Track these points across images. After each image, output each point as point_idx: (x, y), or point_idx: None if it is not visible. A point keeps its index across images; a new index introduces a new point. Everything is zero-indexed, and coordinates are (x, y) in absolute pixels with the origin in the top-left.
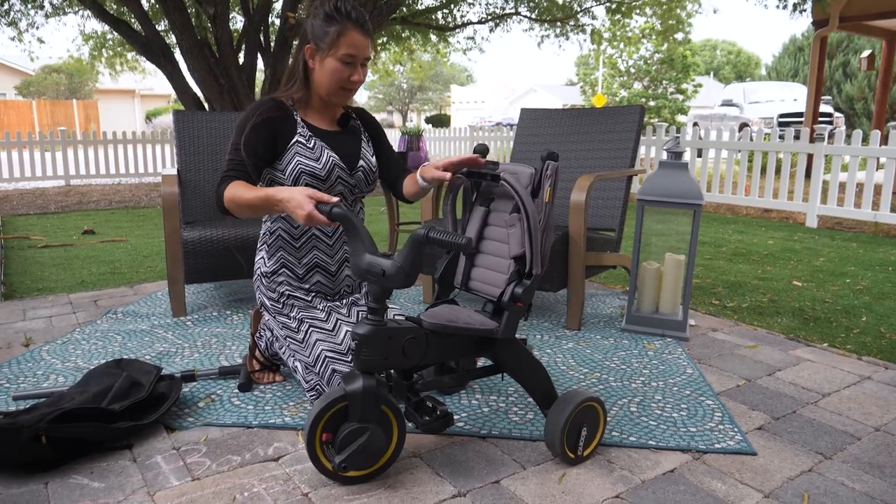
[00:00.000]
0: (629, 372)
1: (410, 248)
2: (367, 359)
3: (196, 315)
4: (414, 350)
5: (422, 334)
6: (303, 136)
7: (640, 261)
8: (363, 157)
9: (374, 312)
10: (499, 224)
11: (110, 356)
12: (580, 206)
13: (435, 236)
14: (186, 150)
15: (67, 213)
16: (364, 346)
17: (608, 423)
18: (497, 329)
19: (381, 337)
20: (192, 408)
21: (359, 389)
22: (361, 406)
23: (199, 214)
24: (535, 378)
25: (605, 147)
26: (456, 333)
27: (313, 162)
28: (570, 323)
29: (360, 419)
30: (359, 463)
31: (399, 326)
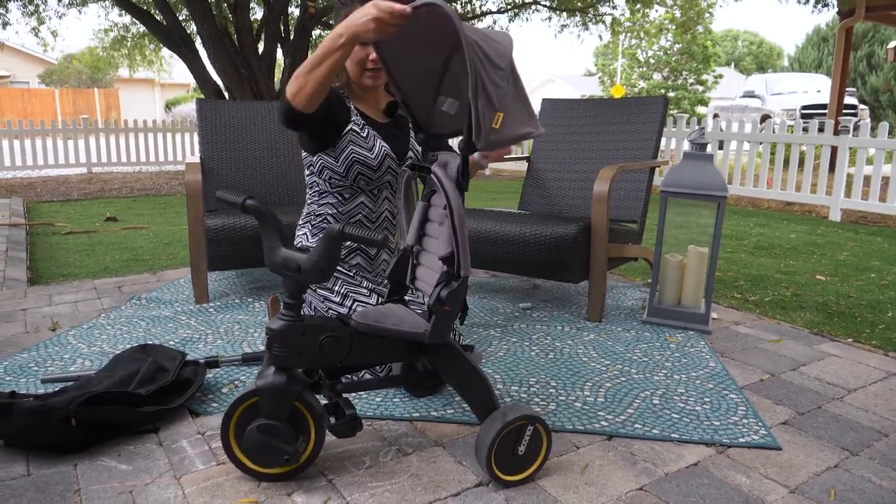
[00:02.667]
0: (651, 364)
1: (325, 243)
2: (278, 354)
3: (218, 302)
4: (333, 349)
5: (344, 333)
6: (357, 124)
7: (662, 253)
8: (412, 148)
9: (289, 308)
10: (436, 220)
11: (135, 341)
12: (603, 197)
13: (349, 231)
14: (209, 139)
15: (90, 201)
16: (276, 341)
17: (631, 416)
18: (425, 333)
19: (294, 333)
20: (216, 393)
21: (267, 385)
22: (269, 402)
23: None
24: (469, 387)
25: (628, 138)
26: (383, 335)
27: (366, 151)
28: (591, 315)
29: (268, 415)
30: (264, 460)
31: (317, 323)
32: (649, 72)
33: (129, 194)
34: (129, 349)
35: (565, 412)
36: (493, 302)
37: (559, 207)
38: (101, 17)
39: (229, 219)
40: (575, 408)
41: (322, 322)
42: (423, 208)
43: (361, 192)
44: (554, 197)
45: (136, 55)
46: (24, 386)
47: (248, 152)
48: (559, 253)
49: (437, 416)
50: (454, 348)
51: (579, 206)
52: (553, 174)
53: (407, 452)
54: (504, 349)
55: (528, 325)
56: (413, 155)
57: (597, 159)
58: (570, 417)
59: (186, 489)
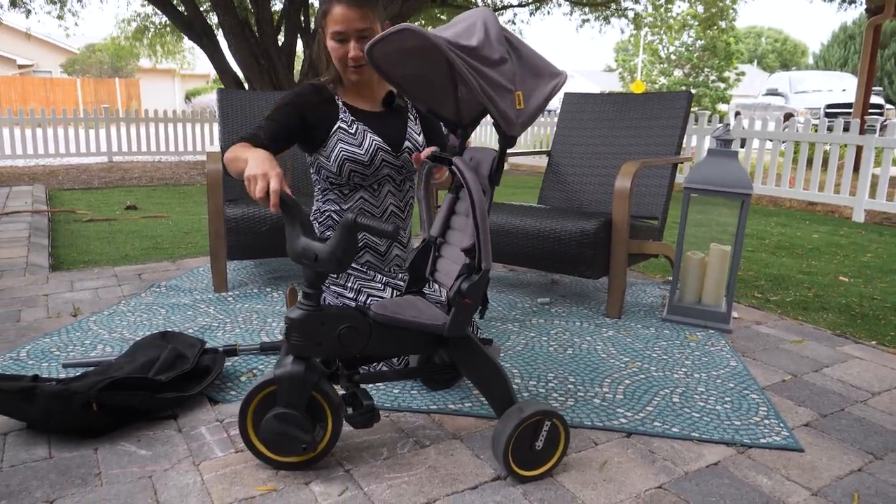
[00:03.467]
0: (671, 362)
1: (340, 232)
2: (297, 343)
3: (237, 291)
4: (352, 339)
5: (363, 324)
6: (345, 121)
7: (683, 251)
8: (409, 137)
9: (308, 297)
10: (462, 212)
11: (155, 328)
12: (625, 193)
13: (363, 221)
14: (230, 128)
15: (110, 189)
16: (294, 330)
17: (651, 413)
18: (444, 325)
19: (313, 322)
20: (234, 381)
21: (285, 374)
22: (287, 391)
23: (242, 192)
24: (487, 381)
25: (651, 133)
26: (402, 326)
27: (355, 148)
28: (611, 311)
29: (286, 404)
30: (281, 448)
31: (336, 313)
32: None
33: (148, 183)
34: (149, 336)
35: (584, 408)
36: (511, 296)
37: (579, 202)
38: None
39: (249, 209)
40: (593, 404)
41: (341, 312)
42: (450, 200)
43: (360, 188)
44: (574, 192)
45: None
46: (45, 370)
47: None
48: (579, 248)
49: (455, 409)
50: (473, 341)
51: (600, 201)
52: (574, 169)
53: (424, 445)
54: (522, 344)
55: (546, 321)
56: (411, 145)
57: (618, 154)
58: (588, 414)
59: (205, 475)
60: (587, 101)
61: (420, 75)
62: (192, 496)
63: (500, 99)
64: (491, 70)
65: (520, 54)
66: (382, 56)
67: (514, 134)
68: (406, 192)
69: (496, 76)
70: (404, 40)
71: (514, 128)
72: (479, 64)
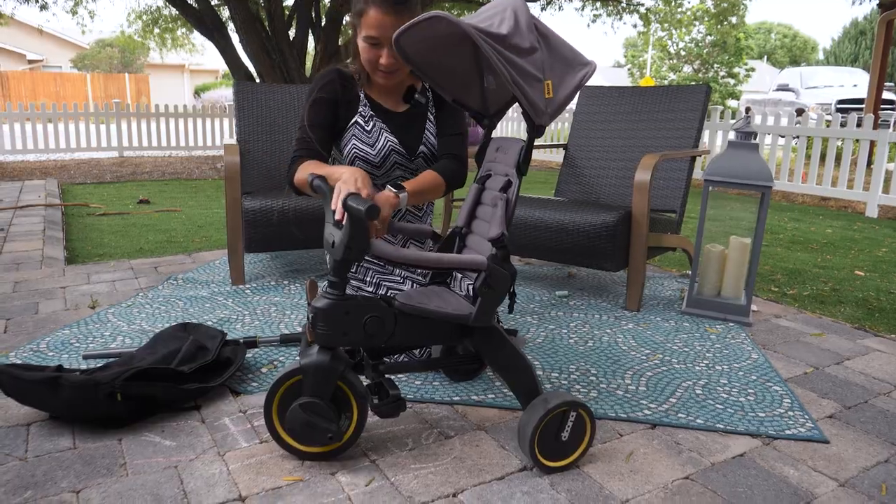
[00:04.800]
0: (692, 355)
1: (347, 220)
2: (323, 333)
3: (254, 284)
4: (377, 329)
5: (388, 314)
6: (363, 115)
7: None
8: (425, 141)
9: (333, 286)
10: (488, 203)
11: (174, 320)
12: (644, 186)
13: (347, 202)
14: (246, 121)
15: (122, 184)
16: (320, 319)
17: (674, 405)
18: (470, 315)
19: (339, 311)
20: (255, 373)
21: (311, 364)
22: (313, 381)
23: (258, 185)
24: (513, 372)
25: (669, 127)
26: (426, 316)
27: (368, 147)
28: (630, 304)
29: (312, 394)
30: (307, 438)
31: (362, 303)
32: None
33: (160, 178)
34: (170, 327)
35: (607, 400)
36: (528, 289)
37: (597, 195)
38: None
39: (267, 201)
40: (617, 396)
41: (366, 302)
42: (476, 191)
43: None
44: (591, 185)
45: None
46: (66, 361)
47: (284, 135)
48: (599, 241)
49: (478, 399)
50: (498, 332)
51: (617, 194)
52: (591, 162)
53: (449, 435)
54: (542, 336)
55: (565, 313)
56: (426, 150)
57: (636, 148)
58: (612, 405)
59: (231, 465)
60: (604, 94)
61: (447, 64)
62: (219, 486)
63: (529, 88)
64: (521, 59)
65: (549, 43)
66: (410, 44)
67: (543, 123)
68: None
69: (526, 65)
70: (434, 28)
71: (543, 117)
72: (509, 53)
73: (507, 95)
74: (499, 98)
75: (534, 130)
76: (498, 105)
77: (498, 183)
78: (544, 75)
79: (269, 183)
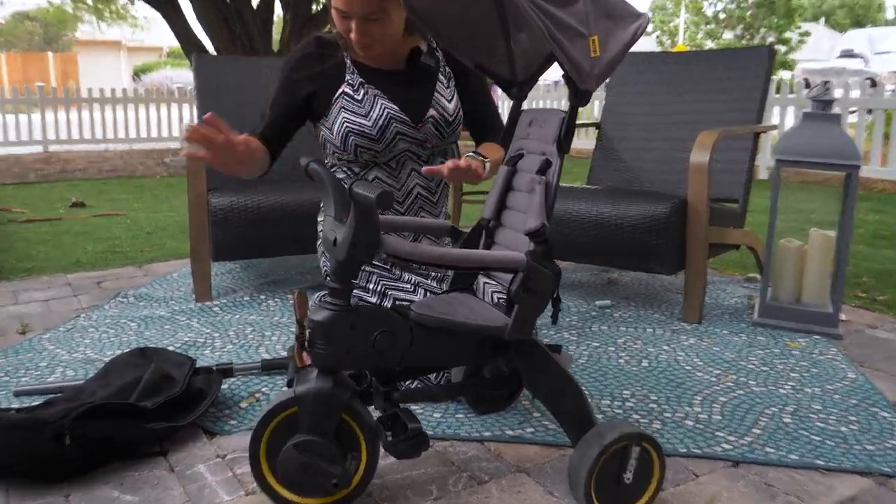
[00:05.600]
0: (773, 375)
1: (354, 211)
2: (323, 353)
3: (224, 300)
4: (390, 346)
5: (404, 327)
6: (351, 84)
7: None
8: (436, 104)
9: (336, 294)
10: (522, 188)
11: (125, 346)
12: (702, 169)
13: (354, 189)
14: (209, 102)
15: (50, 184)
16: (319, 336)
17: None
18: (505, 327)
19: (343, 325)
20: (233, 409)
21: (309, 392)
22: (312, 414)
23: (225, 178)
24: (560, 397)
25: (724, 99)
26: (451, 330)
27: (361, 118)
28: (689, 315)
29: (310, 430)
30: (306, 486)
31: (371, 314)
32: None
33: (96, 176)
34: (125, 354)
35: (674, 432)
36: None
37: (639, 182)
38: None
39: (239, 197)
40: (686, 427)
41: (376, 313)
42: (506, 174)
43: (374, 166)
44: (632, 170)
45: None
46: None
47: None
48: (648, 237)
49: (514, 434)
50: (540, 348)
51: (664, 180)
52: (630, 143)
53: (482, 480)
54: (585, 355)
55: (610, 327)
56: (437, 114)
57: (685, 124)
58: (681, 438)
59: None
60: (645, 61)
61: (465, 21)
62: None
63: (571, 45)
64: (560, 10)
65: None
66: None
67: (590, 88)
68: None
69: (567, 17)
70: None
71: (588, 81)
72: (545, 3)
73: (540, 58)
74: (529, 61)
75: (578, 97)
76: (529, 70)
77: (533, 164)
78: (589, 30)
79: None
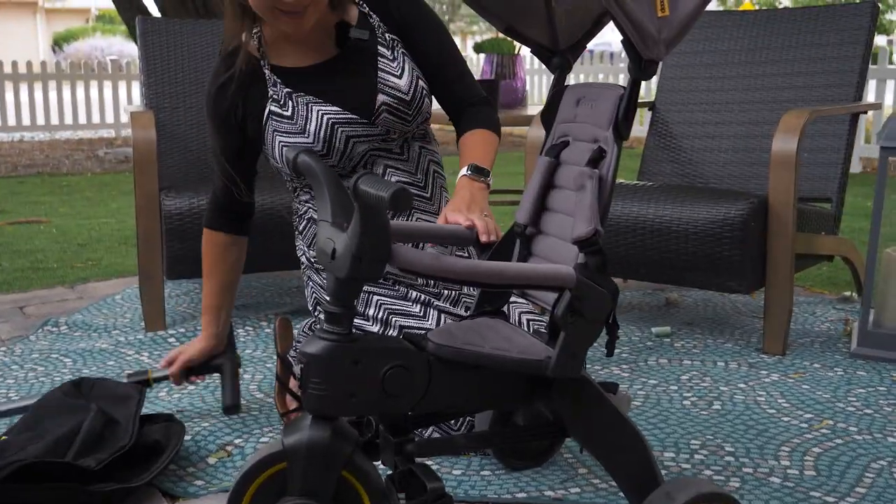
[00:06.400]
0: (879, 419)
1: (359, 213)
2: (319, 394)
3: (181, 328)
4: (402, 386)
5: (420, 362)
6: (276, 99)
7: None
8: (383, 84)
9: (334, 321)
10: (569, 185)
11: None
12: (789, 160)
13: (360, 186)
14: (159, 77)
15: None
16: (314, 373)
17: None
18: (547, 361)
19: (344, 360)
20: (199, 465)
21: (301, 444)
22: (304, 471)
23: (183, 174)
24: (616, 449)
25: (813, 70)
26: (479, 364)
27: (298, 136)
28: (770, 344)
29: (303, 492)
30: None
31: (378, 347)
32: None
33: (10, 174)
34: (57, 391)
35: (757, 491)
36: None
37: (704, 177)
38: None
39: (199, 199)
40: (772, 484)
41: (385, 345)
42: (546, 167)
43: (343, 178)
44: (696, 162)
45: None
46: None
47: None
48: (718, 247)
49: (557, 497)
50: (592, 386)
51: (737, 175)
52: (693, 128)
53: None
54: (641, 397)
55: (670, 361)
56: (389, 100)
57: (763, 103)
58: (766, 500)
59: None
60: (709, 23)
61: None
62: None
63: (632, 3)
64: None
65: None
66: None
67: (656, 57)
68: (419, 157)
69: None
70: None
71: (655, 48)
72: None
73: (588, 20)
74: (575, 24)
75: (641, 69)
76: (574, 35)
77: (582, 154)
78: None
79: (200, 171)
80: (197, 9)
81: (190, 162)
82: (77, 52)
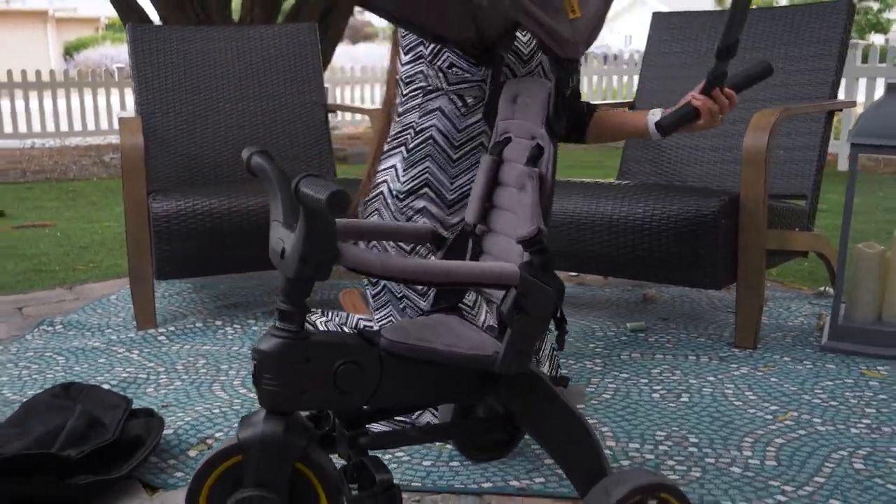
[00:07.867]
0: (844, 411)
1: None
2: (272, 390)
3: (171, 326)
4: (355, 382)
5: (371, 358)
6: None
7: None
8: None
9: (286, 318)
10: (512, 183)
11: (51, 384)
12: (759, 156)
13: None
14: (150, 84)
15: None
16: (267, 369)
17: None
18: (496, 356)
19: (295, 357)
20: (180, 458)
21: (255, 438)
22: (259, 464)
23: (172, 178)
24: (565, 443)
25: (788, 69)
26: (429, 360)
27: None
28: (742, 338)
29: (257, 483)
30: None
31: (329, 342)
32: None
33: (19, 179)
34: (44, 393)
35: (717, 481)
36: (585, 322)
37: (681, 176)
38: None
39: (187, 201)
40: (731, 475)
41: (337, 341)
42: (489, 165)
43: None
44: (673, 161)
45: None
46: None
47: (209, 104)
48: (690, 242)
49: (521, 486)
50: (539, 381)
51: (712, 173)
52: None
53: None
54: (612, 390)
55: (643, 355)
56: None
57: (740, 101)
58: (725, 489)
59: None
60: (687, 24)
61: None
62: None
63: (542, 11)
64: None
65: None
66: None
67: (574, 56)
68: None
69: None
70: None
71: (570, 47)
72: None
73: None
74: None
75: (562, 67)
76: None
77: (521, 151)
78: None
79: (189, 175)
80: (197, 15)
81: (180, 166)
82: (87, 60)
